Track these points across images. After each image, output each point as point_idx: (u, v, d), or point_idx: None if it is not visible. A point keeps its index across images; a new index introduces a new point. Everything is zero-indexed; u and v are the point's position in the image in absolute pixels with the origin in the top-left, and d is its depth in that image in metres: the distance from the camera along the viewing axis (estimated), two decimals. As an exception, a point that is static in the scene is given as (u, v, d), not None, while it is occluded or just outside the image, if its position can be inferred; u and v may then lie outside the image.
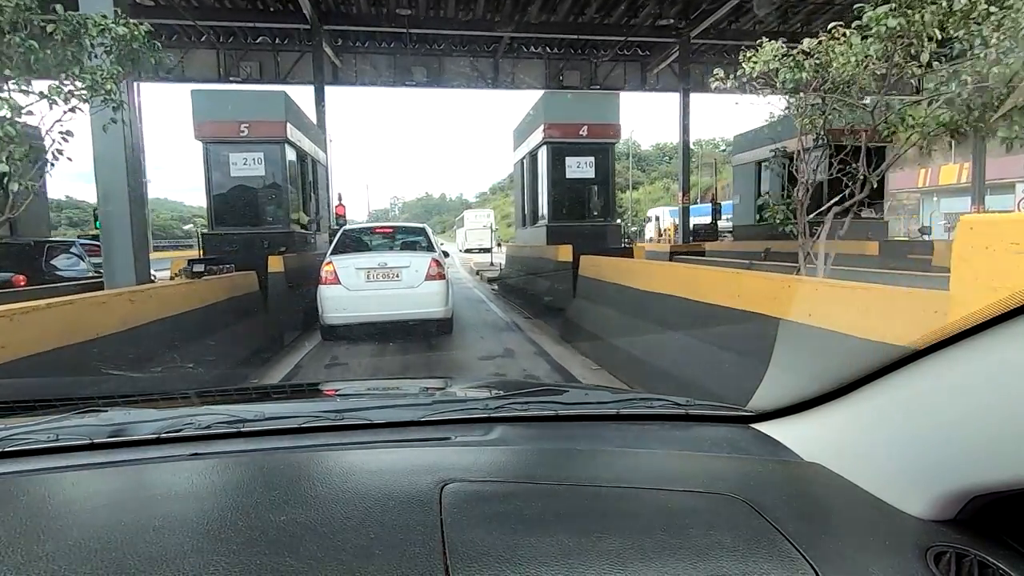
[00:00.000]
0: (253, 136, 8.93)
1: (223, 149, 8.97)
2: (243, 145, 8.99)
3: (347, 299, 6.46)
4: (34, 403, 1.28)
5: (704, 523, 0.66)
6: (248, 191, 9.15)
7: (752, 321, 3.34)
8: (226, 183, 9.05)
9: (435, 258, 6.84)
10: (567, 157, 9.94)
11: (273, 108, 9.00)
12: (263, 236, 9.01)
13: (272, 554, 0.57)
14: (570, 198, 10.09)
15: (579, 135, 9.80)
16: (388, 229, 8.55)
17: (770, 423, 0.98)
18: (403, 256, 6.95)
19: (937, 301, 2.11)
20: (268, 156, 9.06)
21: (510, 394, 1.23)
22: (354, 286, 6.49)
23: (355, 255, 6.91)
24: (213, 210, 9.03)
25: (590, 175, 10.02)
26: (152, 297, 4.52)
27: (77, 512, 0.68)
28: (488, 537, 0.61)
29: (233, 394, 1.60)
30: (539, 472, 0.82)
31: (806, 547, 0.61)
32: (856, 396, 0.80)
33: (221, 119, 8.84)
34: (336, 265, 6.59)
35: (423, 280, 6.58)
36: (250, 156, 8.99)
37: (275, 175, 9.15)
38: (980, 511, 0.65)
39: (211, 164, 8.96)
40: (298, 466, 0.82)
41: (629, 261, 6.71)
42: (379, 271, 6.59)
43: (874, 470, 0.75)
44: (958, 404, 0.63)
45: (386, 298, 6.49)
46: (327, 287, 6.56)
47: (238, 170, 8.99)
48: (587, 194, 10.18)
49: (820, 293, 2.96)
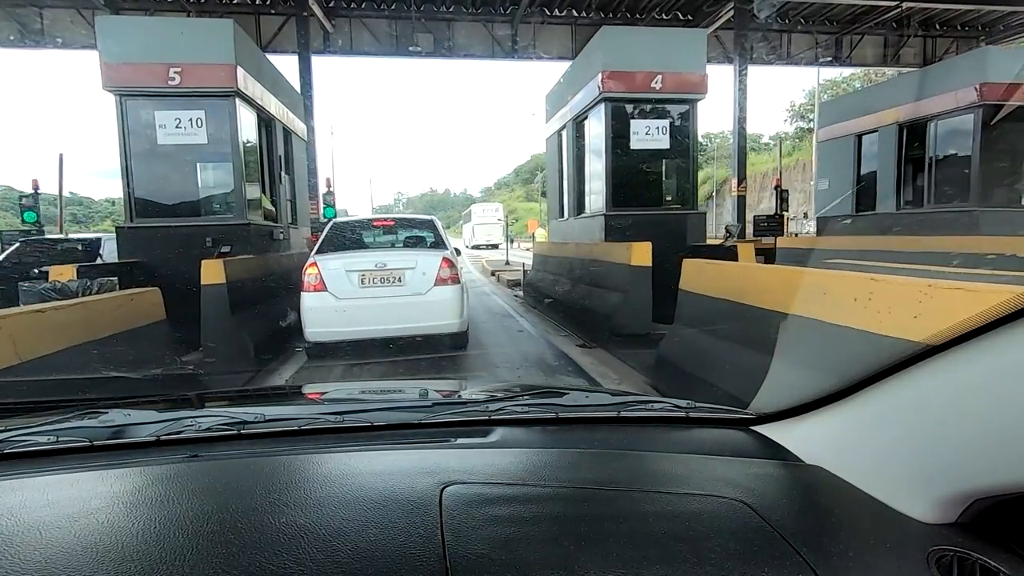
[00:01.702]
0: (189, 85, 6.18)
1: (145, 105, 6.22)
2: (175, 99, 6.25)
3: (335, 310, 5.12)
4: (34, 405, 1.30)
5: (705, 526, 0.66)
6: (183, 166, 6.40)
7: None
8: (150, 154, 6.29)
9: (447, 257, 5.40)
10: (633, 120, 7.15)
11: (217, 45, 6.24)
12: (206, 231, 6.28)
13: (272, 557, 0.57)
14: (637, 177, 7.30)
15: (651, 88, 7.01)
16: (388, 222, 6.66)
17: (771, 425, 0.96)
18: (407, 255, 5.52)
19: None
20: (212, 115, 6.31)
21: (510, 396, 1.21)
22: (344, 293, 5.15)
23: (346, 254, 5.45)
24: (132, 195, 6.28)
25: (664, 145, 7.24)
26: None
27: (77, 514, 0.66)
28: (488, 539, 0.61)
29: (233, 396, 1.60)
30: (539, 474, 0.80)
31: (808, 550, 0.61)
32: (857, 399, 0.79)
33: (141, 60, 6.10)
34: (321, 266, 5.17)
35: (432, 285, 5.24)
36: (185, 115, 6.24)
37: (223, 143, 6.40)
38: (982, 514, 0.65)
39: (128, 126, 6.20)
40: (298, 469, 0.81)
41: (820, 276, 3.77)
42: (376, 274, 5.22)
43: (876, 473, 0.74)
44: (959, 407, 0.63)
45: (385, 308, 5.16)
46: (310, 295, 5.14)
47: (168, 135, 6.24)
48: (660, 171, 7.41)
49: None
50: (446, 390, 1.56)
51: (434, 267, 5.27)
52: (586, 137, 8.08)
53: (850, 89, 40.91)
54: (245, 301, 5.69)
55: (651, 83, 6.99)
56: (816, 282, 2.84)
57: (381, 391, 1.60)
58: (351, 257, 5.33)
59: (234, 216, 6.49)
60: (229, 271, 5.43)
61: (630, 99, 7.09)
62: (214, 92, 6.26)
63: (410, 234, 6.46)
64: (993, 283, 2.11)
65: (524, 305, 10.33)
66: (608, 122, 7.12)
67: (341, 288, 5.13)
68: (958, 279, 2.06)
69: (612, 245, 6.56)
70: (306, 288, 5.15)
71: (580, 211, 8.54)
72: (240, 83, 6.34)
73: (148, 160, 6.30)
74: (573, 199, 8.68)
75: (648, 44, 7.11)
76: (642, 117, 7.16)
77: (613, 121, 7.14)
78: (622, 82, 6.99)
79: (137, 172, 6.27)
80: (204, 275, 5.28)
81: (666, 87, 7.01)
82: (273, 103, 7.66)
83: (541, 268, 10.14)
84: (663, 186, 7.44)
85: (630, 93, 7.04)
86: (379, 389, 1.68)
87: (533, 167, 70.56)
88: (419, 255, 5.44)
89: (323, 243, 5.63)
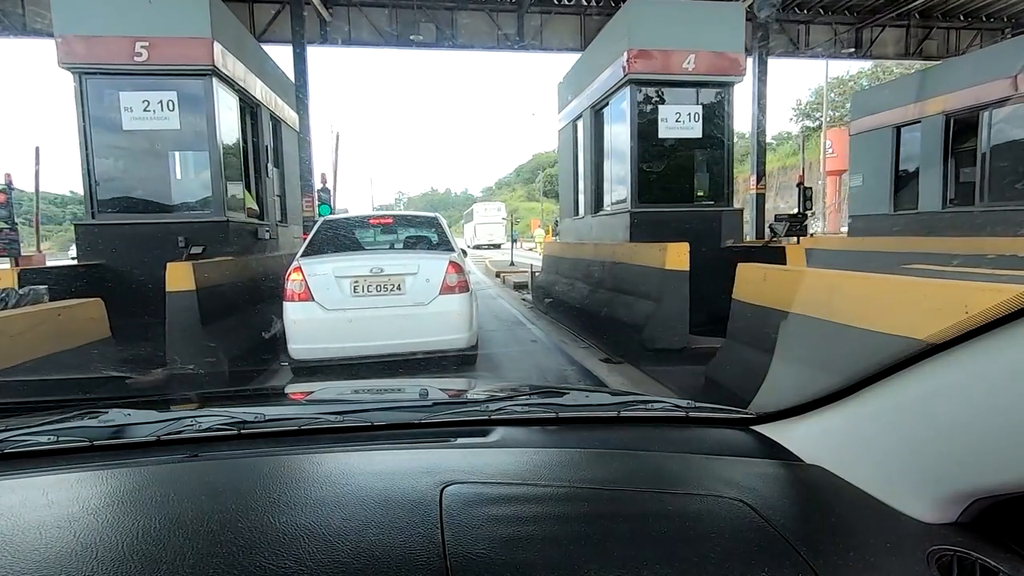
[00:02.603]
0: (158, 62, 5.40)
1: (108, 85, 5.44)
2: (142, 78, 5.46)
3: (323, 323, 4.37)
4: (34, 405, 1.35)
5: (706, 526, 0.66)
6: (152, 155, 5.61)
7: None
8: (115, 142, 5.51)
9: (454, 260, 4.64)
10: (662, 105, 6.36)
11: (191, 16, 5.44)
12: (178, 229, 5.50)
13: (272, 557, 0.56)
14: (666, 169, 6.51)
15: (683, 69, 6.21)
16: (387, 220, 5.88)
17: (771, 425, 0.95)
18: (407, 258, 4.76)
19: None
20: (185, 97, 5.53)
21: (510, 396, 1.20)
22: (334, 303, 4.38)
23: (337, 256, 4.70)
24: (93, 188, 5.49)
25: (696, 133, 6.44)
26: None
27: (77, 514, 0.66)
28: (488, 539, 0.60)
29: (233, 396, 1.60)
30: (539, 474, 0.79)
31: (808, 550, 0.61)
32: (857, 398, 0.79)
33: (103, 33, 5.31)
34: (307, 272, 4.38)
35: (436, 293, 4.49)
36: (154, 96, 5.45)
37: (198, 128, 5.61)
38: (982, 514, 0.65)
39: (88, 109, 5.42)
40: (298, 468, 0.80)
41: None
42: (372, 280, 4.45)
43: (876, 472, 0.73)
44: (960, 406, 0.63)
45: (381, 321, 4.43)
46: (294, 305, 4.36)
47: (135, 119, 5.45)
48: (692, 163, 6.61)
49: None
50: (446, 390, 1.53)
51: (439, 272, 4.49)
52: (607, 126, 7.28)
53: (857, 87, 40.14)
54: (220, 310, 4.91)
55: (683, 63, 6.19)
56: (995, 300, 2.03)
57: (381, 391, 1.58)
58: (342, 261, 4.54)
59: (211, 212, 5.70)
60: (200, 275, 4.65)
61: (659, 81, 6.29)
62: (188, 70, 5.48)
63: (411, 234, 5.70)
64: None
65: (534, 311, 9.53)
66: (634, 107, 6.32)
67: (330, 297, 4.34)
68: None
69: (641, 246, 5.77)
70: (289, 297, 4.36)
71: (599, 208, 7.74)
72: (218, 60, 5.56)
73: (112, 148, 5.51)
74: (591, 195, 7.88)
75: (680, 19, 6.30)
76: (674, 102, 6.36)
77: (641, 106, 6.34)
78: (651, 62, 6.19)
79: (100, 162, 5.48)
80: (169, 280, 4.51)
81: (700, 67, 6.22)
82: (259, 87, 6.87)
83: (553, 270, 9.34)
84: (695, 179, 6.65)
85: (659, 74, 6.24)
86: (379, 389, 1.66)
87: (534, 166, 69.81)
88: (421, 258, 4.66)
89: (310, 244, 4.85)
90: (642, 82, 6.28)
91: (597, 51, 7.48)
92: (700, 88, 6.38)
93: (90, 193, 5.47)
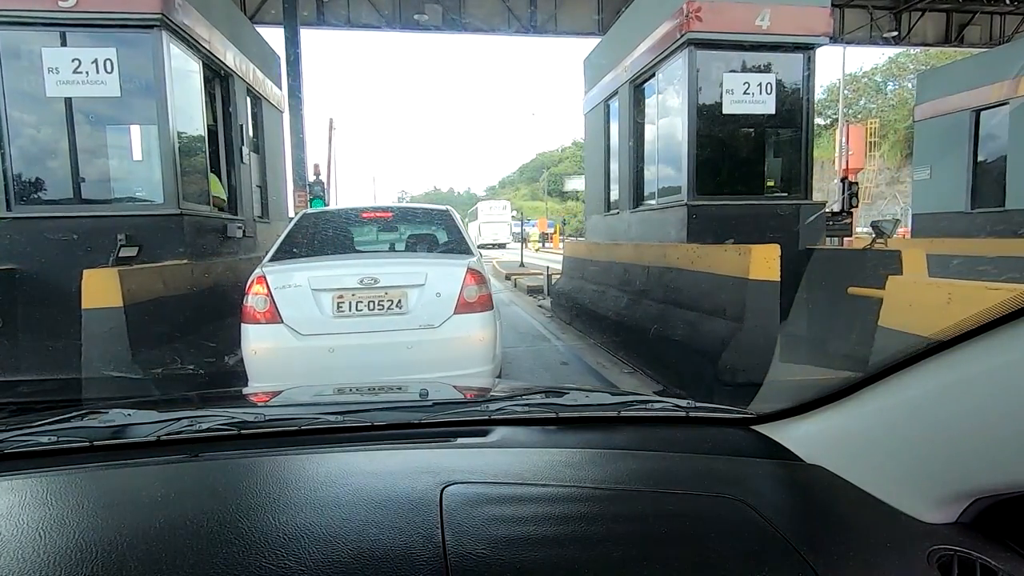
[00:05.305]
0: (92, 8, 4.19)
1: (26, 39, 4.23)
2: (71, 29, 4.25)
3: (294, 354, 3.14)
4: (35, 404, 1.20)
5: (706, 526, 0.65)
6: (84, 130, 4.39)
7: None
8: (36, 112, 4.29)
9: (472, 268, 3.39)
10: (727, 73, 5.11)
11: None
12: (117, 224, 4.28)
13: (272, 557, 0.56)
14: (732, 153, 5.27)
15: (755, 27, 4.97)
16: (385, 214, 4.54)
17: (771, 425, 0.94)
18: (411, 264, 3.58)
19: None
20: (127, 55, 4.30)
21: (510, 396, 1.20)
22: (310, 326, 3.17)
23: (316, 262, 3.47)
24: (8, 171, 4.28)
25: (769, 109, 5.19)
26: None
27: (77, 514, 0.65)
28: (488, 539, 0.60)
29: (233, 396, 1.53)
30: (540, 474, 0.78)
31: (808, 550, 0.60)
32: (857, 398, 0.77)
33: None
34: (273, 283, 3.18)
35: (451, 312, 3.26)
36: (87, 54, 4.23)
37: (145, 96, 4.39)
38: (983, 514, 0.64)
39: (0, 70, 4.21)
40: (298, 469, 0.79)
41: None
42: (362, 294, 3.23)
43: (876, 472, 0.72)
44: (960, 406, 0.61)
45: (374, 351, 3.20)
46: (255, 329, 3.16)
47: (61, 83, 4.23)
48: (763, 146, 5.38)
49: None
50: (446, 390, 1.44)
51: (454, 284, 3.29)
52: (653, 102, 6.03)
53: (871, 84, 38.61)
54: (163, 333, 3.69)
55: (755, 20, 4.95)
56: None
57: (381, 391, 1.54)
58: (323, 268, 3.32)
59: (163, 203, 4.48)
60: (131, 286, 3.43)
61: (726, 42, 5.04)
62: (130, 19, 4.25)
63: (416, 231, 4.48)
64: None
65: (555, 320, 8.31)
66: (693, 76, 5.07)
67: (304, 318, 3.15)
68: None
69: (708, 249, 4.53)
70: (249, 318, 3.16)
71: (639, 202, 6.50)
72: (170, 9, 4.33)
73: (32, 120, 4.29)
74: (629, 187, 6.63)
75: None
76: (741, 70, 5.12)
77: (700, 75, 5.09)
78: (715, 18, 4.95)
79: (16, 139, 4.26)
80: (86, 293, 3.30)
81: (776, 26, 4.98)
82: (232, 54, 5.64)
83: (577, 275, 8.10)
84: (767, 166, 5.41)
85: (726, 33, 5.00)
86: (379, 389, 1.59)
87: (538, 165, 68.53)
88: (430, 265, 3.45)
89: (282, 245, 3.62)
90: (704, 43, 5.03)
91: (638, 13, 6.23)
92: (776, 52, 5.14)
93: (3, 179, 4.25)
